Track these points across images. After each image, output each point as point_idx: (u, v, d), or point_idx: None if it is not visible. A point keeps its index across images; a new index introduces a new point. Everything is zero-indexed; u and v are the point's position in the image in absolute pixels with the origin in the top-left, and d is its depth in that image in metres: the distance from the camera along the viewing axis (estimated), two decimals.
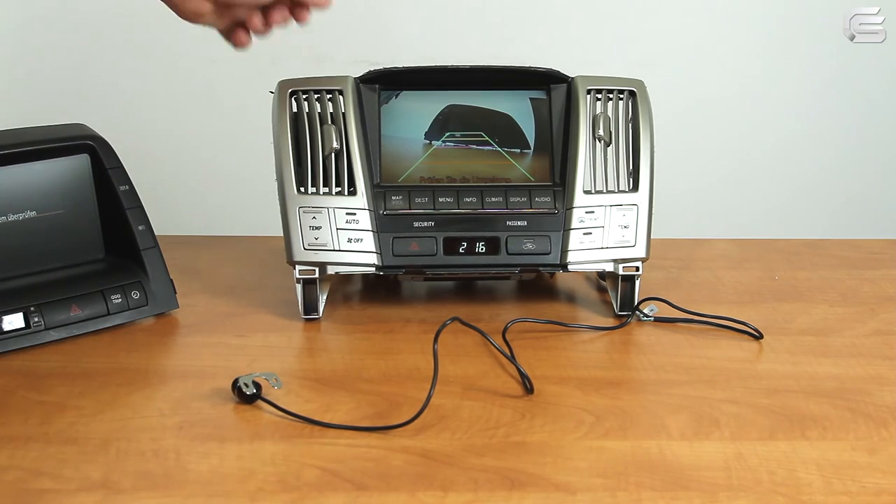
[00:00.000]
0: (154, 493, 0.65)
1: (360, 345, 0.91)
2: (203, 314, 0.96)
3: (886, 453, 0.71)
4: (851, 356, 0.87)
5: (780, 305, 1.00)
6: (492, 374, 0.83)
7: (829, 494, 0.65)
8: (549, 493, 0.65)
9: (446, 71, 0.98)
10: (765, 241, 1.22)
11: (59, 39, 1.58)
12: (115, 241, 0.95)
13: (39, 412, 0.76)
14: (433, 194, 0.94)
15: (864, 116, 1.63)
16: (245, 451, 0.70)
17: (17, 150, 0.91)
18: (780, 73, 1.60)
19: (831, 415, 0.76)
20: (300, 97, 0.96)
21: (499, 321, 0.92)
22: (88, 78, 1.59)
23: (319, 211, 0.92)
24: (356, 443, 0.71)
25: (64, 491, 0.65)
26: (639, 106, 0.97)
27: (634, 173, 0.95)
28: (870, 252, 1.18)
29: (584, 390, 0.80)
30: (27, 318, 0.87)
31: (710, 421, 0.75)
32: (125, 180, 0.95)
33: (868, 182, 1.65)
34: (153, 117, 1.62)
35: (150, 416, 0.76)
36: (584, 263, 0.94)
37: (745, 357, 0.88)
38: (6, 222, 0.91)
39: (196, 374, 0.83)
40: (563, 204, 0.94)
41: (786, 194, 1.66)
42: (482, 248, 0.94)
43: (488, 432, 0.73)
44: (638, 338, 0.92)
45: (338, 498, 0.65)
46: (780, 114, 1.63)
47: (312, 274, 0.93)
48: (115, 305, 0.92)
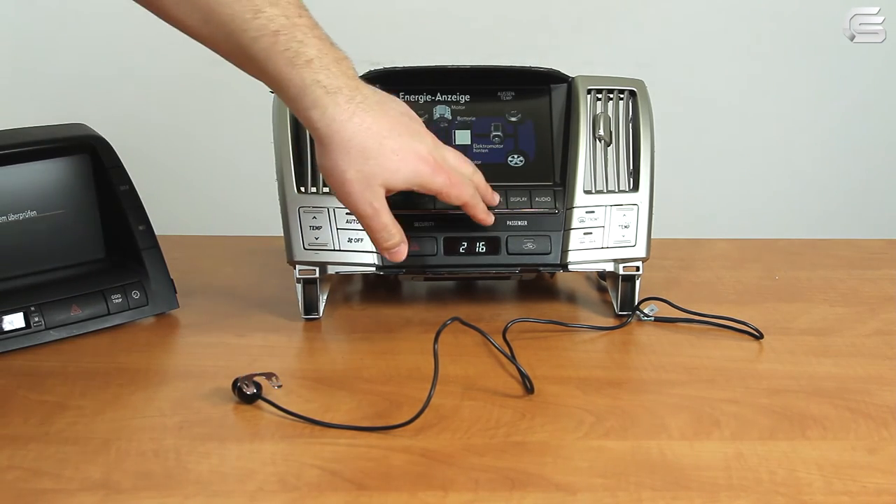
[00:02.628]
0: (154, 492, 0.65)
1: (361, 345, 0.91)
2: (203, 314, 0.96)
3: (887, 453, 0.71)
4: (852, 356, 0.87)
5: (780, 305, 1.00)
6: (492, 374, 0.83)
7: (829, 494, 0.65)
8: (549, 493, 0.65)
9: (446, 71, 0.98)
10: (765, 241, 1.22)
11: (59, 39, 1.58)
12: (116, 241, 0.95)
13: (40, 412, 0.76)
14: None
15: (864, 116, 1.63)
16: (245, 451, 0.70)
17: (17, 150, 0.91)
18: (780, 72, 1.60)
19: (831, 415, 0.76)
20: None
21: (499, 321, 0.92)
22: (88, 78, 1.59)
23: (320, 211, 0.92)
24: (356, 443, 0.71)
25: (64, 491, 0.65)
26: (639, 106, 0.97)
27: (635, 173, 0.95)
28: (870, 252, 1.18)
29: (584, 390, 0.80)
30: (27, 318, 0.87)
31: (711, 421, 0.75)
32: (125, 180, 0.95)
33: (868, 182, 1.66)
34: (153, 117, 1.62)
35: (151, 415, 0.76)
36: (584, 263, 0.94)
37: (746, 357, 0.88)
38: (6, 222, 0.91)
39: (196, 374, 0.83)
40: (563, 204, 0.94)
41: (786, 194, 1.66)
42: (482, 248, 0.94)
43: (489, 432, 0.73)
44: (638, 338, 0.92)
45: (338, 498, 0.65)
46: (780, 113, 1.63)
47: (313, 274, 0.93)
48: (115, 305, 0.92)
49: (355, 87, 0.81)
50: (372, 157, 0.81)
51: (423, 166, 0.83)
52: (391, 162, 0.81)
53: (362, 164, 0.81)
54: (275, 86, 0.81)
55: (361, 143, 0.80)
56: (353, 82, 0.81)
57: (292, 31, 0.79)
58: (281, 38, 0.78)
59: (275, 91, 0.82)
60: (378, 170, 0.81)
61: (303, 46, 0.79)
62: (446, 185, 0.85)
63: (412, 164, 0.83)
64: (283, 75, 0.79)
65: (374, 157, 0.81)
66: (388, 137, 0.81)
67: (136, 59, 1.57)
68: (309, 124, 0.81)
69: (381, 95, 0.84)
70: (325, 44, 0.80)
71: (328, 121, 0.80)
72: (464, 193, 0.87)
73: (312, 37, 0.79)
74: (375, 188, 0.82)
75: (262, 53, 0.79)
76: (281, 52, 0.78)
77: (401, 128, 0.83)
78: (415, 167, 0.83)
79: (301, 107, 0.80)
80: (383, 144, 0.81)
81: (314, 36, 0.80)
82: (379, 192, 0.82)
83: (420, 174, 0.83)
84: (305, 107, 0.80)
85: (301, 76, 0.79)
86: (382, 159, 0.81)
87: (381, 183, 0.82)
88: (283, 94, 0.81)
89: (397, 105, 0.85)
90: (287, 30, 0.78)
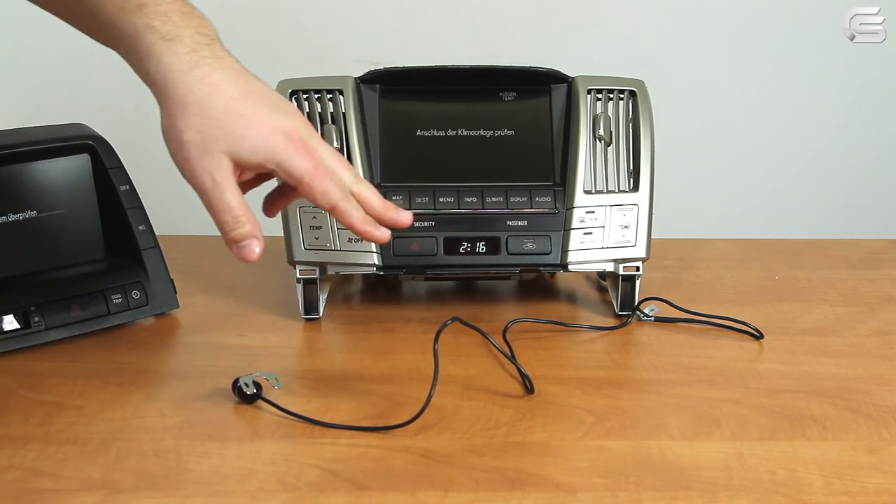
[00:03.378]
0: (154, 492, 0.65)
1: (361, 345, 0.91)
2: (203, 314, 0.97)
3: (887, 453, 0.71)
4: (852, 356, 0.87)
5: (780, 305, 1.00)
6: (492, 374, 0.83)
7: (829, 494, 0.65)
8: (549, 492, 0.65)
9: (446, 71, 0.98)
10: (765, 241, 1.22)
11: (59, 39, 1.57)
12: (116, 241, 0.95)
13: (39, 412, 0.76)
14: (433, 194, 0.94)
15: (864, 116, 1.63)
16: (245, 450, 0.70)
17: (18, 150, 0.91)
18: (780, 72, 1.60)
19: (831, 415, 0.76)
20: (300, 97, 0.96)
21: (499, 321, 0.92)
22: (88, 78, 1.59)
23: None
24: (356, 443, 0.71)
25: (64, 491, 0.65)
26: (639, 106, 0.97)
27: (635, 173, 0.95)
28: (870, 252, 1.18)
29: (584, 390, 0.80)
30: (27, 318, 0.87)
31: (711, 421, 0.75)
32: (125, 180, 0.95)
33: (868, 182, 1.65)
34: (153, 117, 1.61)
35: (151, 416, 0.76)
36: (584, 263, 0.94)
37: (746, 357, 0.88)
38: (6, 222, 0.91)
39: (196, 374, 0.83)
40: (563, 204, 0.94)
41: (785, 194, 1.66)
42: (482, 248, 0.94)
43: (489, 432, 0.73)
44: (638, 338, 0.92)
45: (338, 498, 0.65)
46: (780, 113, 1.63)
47: (313, 274, 0.93)
48: (115, 305, 0.92)
49: (206, 44, 0.70)
50: (214, 116, 0.68)
51: (282, 140, 0.69)
52: (238, 126, 0.68)
53: (201, 123, 0.68)
54: (111, 42, 0.70)
55: (201, 100, 0.68)
56: (204, 39, 0.70)
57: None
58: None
59: (115, 49, 0.71)
60: (220, 133, 0.68)
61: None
62: (309, 173, 0.70)
63: (266, 134, 0.69)
64: (115, 24, 0.68)
65: (216, 118, 0.68)
66: (237, 99, 0.69)
67: None
68: (145, 79, 0.70)
69: (244, 68, 0.71)
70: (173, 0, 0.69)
71: (164, 71, 0.68)
72: (331, 192, 0.71)
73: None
74: (217, 155, 0.68)
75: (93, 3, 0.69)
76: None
77: (258, 96, 0.70)
78: (270, 138, 0.69)
79: (136, 61, 0.69)
80: (230, 105, 0.69)
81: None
82: (222, 162, 0.69)
83: (275, 148, 0.69)
84: (139, 58, 0.69)
85: (133, 22, 0.68)
86: (227, 121, 0.68)
87: (224, 149, 0.68)
88: (120, 51, 0.70)
89: (266, 85, 0.73)
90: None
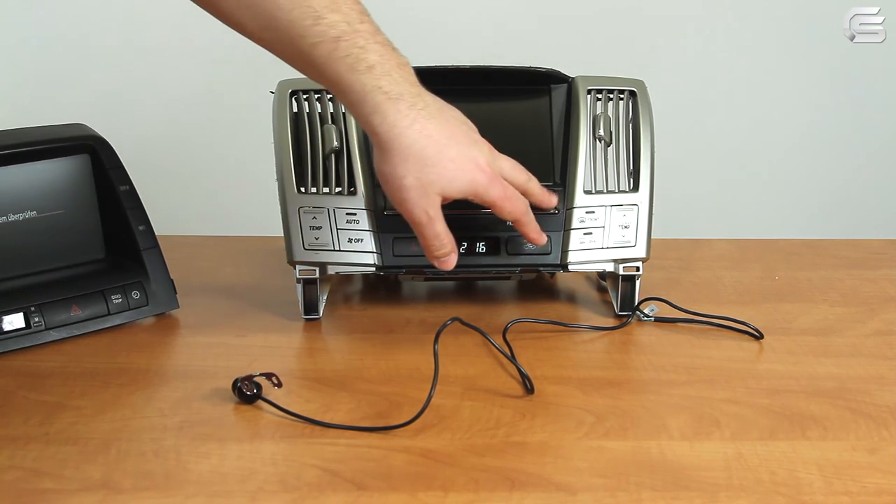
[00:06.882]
0: (154, 493, 0.65)
1: (361, 345, 0.91)
2: (203, 314, 0.96)
3: (887, 453, 0.71)
4: (852, 356, 0.87)
5: (780, 305, 1.00)
6: (492, 374, 0.83)
7: (829, 494, 0.65)
8: (549, 493, 0.65)
9: (446, 71, 0.97)
10: (765, 241, 1.22)
11: (59, 40, 1.58)
12: (116, 241, 0.95)
13: (40, 412, 0.76)
14: None
15: (864, 116, 1.63)
16: (245, 451, 0.70)
17: (18, 150, 0.91)
18: (780, 72, 1.60)
19: (831, 415, 0.76)
20: (300, 97, 0.96)
21: (499, 321, 0.92)
22: (88, 78, 1.59)
23: (320, 211, 0.92)
24: (356, 443, 0.71)
25: (64, 491, 0.65)
26: (639, 106, 0.97)
27: (635, 173, 0.95)
28: (870, 252, 1.18)
29: (584, 390, 0.80)
30: (27, 318, 0.87)
31: (711, 421, 0.75)
32: (125, 180, 0.95)
33: (868, 182, 1.66)
34: (153, 117, 1.62)
35: (151, 416, 0.76)
36: (584, 263, 0.94)
37: (746, 357, 0.88)
38: (6, 222, 0.91)
39: (196, 374, 0.83)
40: (563, 204, 0.94)
41: (786, 194, 1.66)
42: (482, 248, 0.94)
43: (489, 432, 0.73)
44: (638, 338, 0.92)
45: (338, 498, 0.65)
46: (780, 113, 1.63)
47: (313, 274, 0.93)
48: (115, 305, 0.92)
49: (417, 93, 0.81)
50: (430, 164, 0.80)
51: (480, 176, 0.83)
52: (448, 171, 0.81)
53: (420, 171, 0.80)
54: (336, 91, 0.81)
55: (421, 151, 0.80)
56: (415, 88, 0.81)
57: (353, 37, 0.78)
58: (342, 45, 0.78)
59: (336, 96, 0.82)
60: (435, 178, 0.81)
61: (364, 52, 0.78)
62: (500, 198, 0.84)
63: (469, 174, 0.82)
64: (344, 81, 0.79)
65: (432, 165, 0.80)
66: (447, 146, 0.81)
67: (136, 59, 1.57)
68: (369, 129, 0.81)
69: (440, 103, 0.83)
70: (386, 49, 0.80)
71: (389, 126, 0.79)
72: (517, 209, 0.86)
73: (374, 42, 0.79)
74: (432, 196, 0.81)
75: (322, 59, 0.78)
76: (341, 58, 0.78)
77: (460, 136, 0.83)
78: (472, 177, 0.82)
79: (362, 112, 0.80)
80: (442, 153, 0.81)
81: (376, 42, 0.79)
82: (435, 201, 0.82)
83: (476, 184, 0.83)
84: (366, 112, 0.80)
85: (362, 82, 0.78)
86: (441, 168, 0.81)
87: (438, 191, 0.81)
88: (344, 99, 0.81)
89: (455, 113, 0.85)
90: (348, 36, 0.78)
